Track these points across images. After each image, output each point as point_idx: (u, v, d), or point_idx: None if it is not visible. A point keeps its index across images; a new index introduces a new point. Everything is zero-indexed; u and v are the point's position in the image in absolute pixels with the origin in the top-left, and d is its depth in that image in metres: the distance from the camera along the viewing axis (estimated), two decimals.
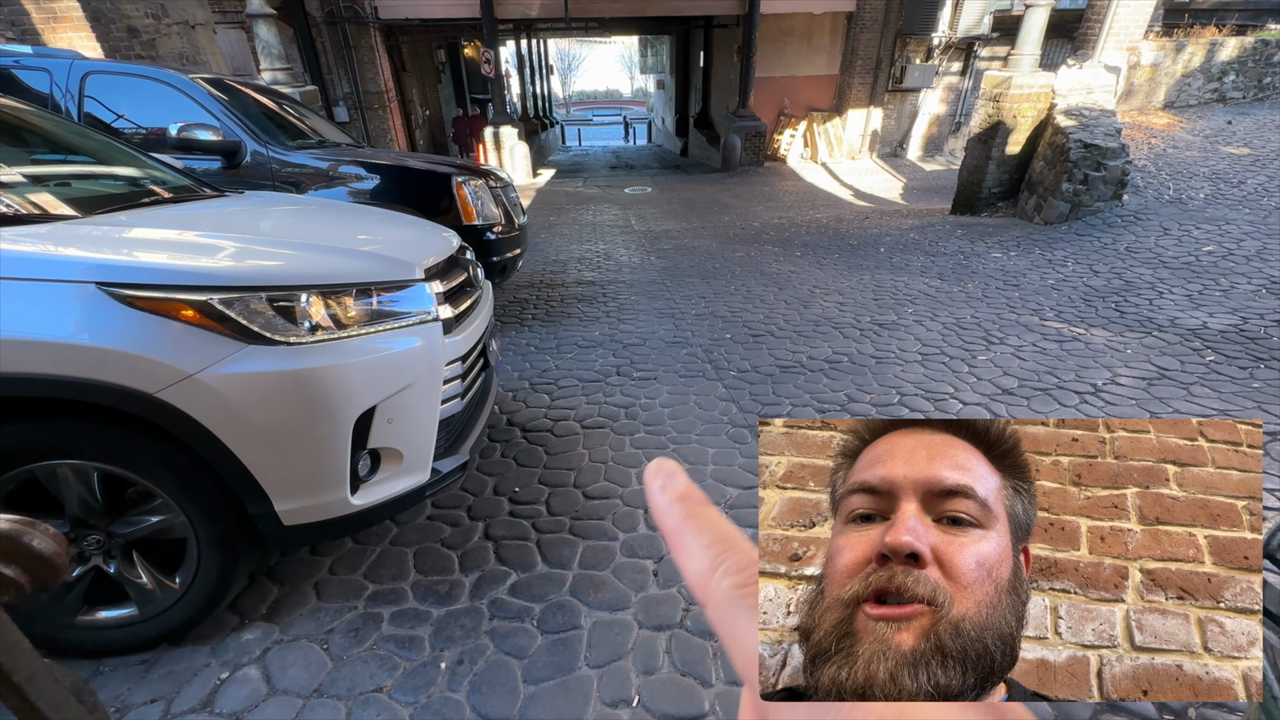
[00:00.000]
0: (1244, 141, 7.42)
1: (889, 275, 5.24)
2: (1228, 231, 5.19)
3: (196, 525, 1.52)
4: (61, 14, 6.25)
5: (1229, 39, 8.77)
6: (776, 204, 9.63)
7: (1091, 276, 4.77)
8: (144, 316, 1.36)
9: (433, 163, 4.12)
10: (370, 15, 12.04)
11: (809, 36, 14.04)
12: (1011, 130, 6.83)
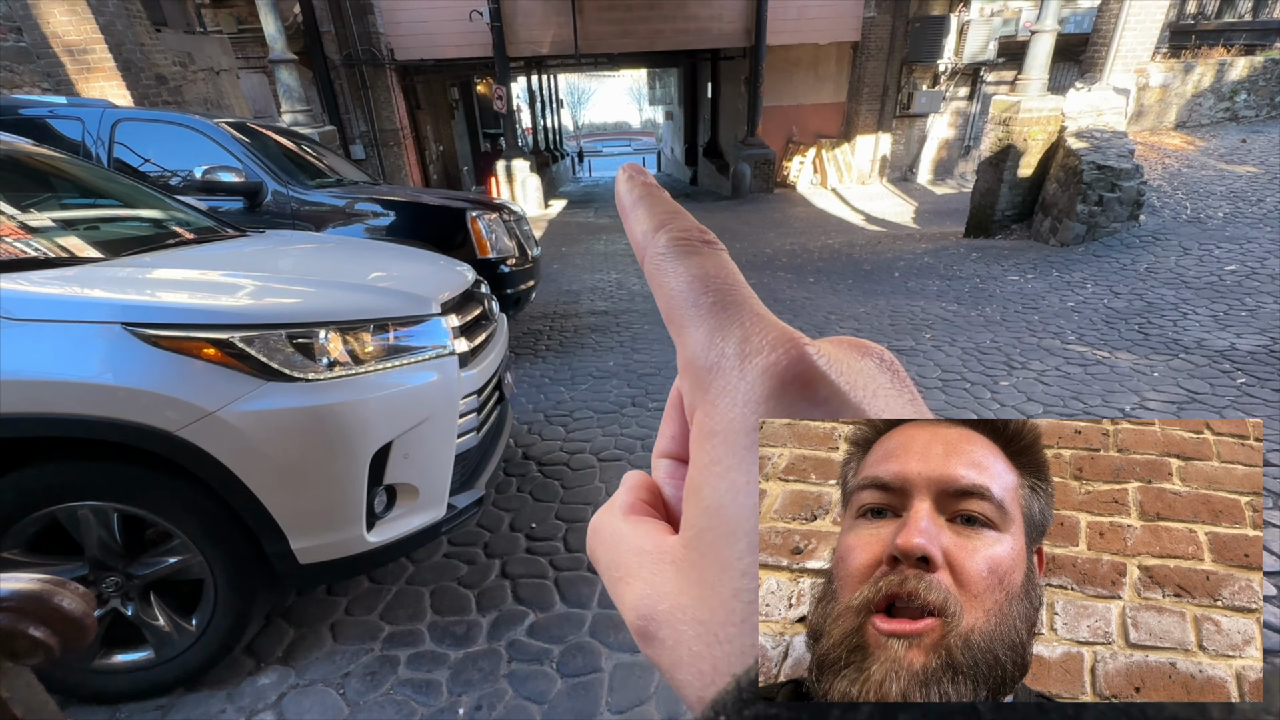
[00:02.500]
0: (1260, 160, 7.36)
1: (904, 300, 5.20)
2: (1250, 250, 5.10)
3: (214, 565, 1.50)
4: (95, 65, 6.52)
5: (1238, 59, 8.77)
6: (788, 230, 9.67)
7: (1112, 298, 4.69)
8: (168, 355, 1.37)
9: (447, 198, 4.19)
10: (387, 57, 12.45)
11: (815, 66, 14.28)
12: (1023, 153, 6.83)
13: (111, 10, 6.58)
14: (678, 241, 0.21)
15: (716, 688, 0.17)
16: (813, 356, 0.18)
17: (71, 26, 6.33)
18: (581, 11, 12.68)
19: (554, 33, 12.83)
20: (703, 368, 0.19)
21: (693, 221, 0.22)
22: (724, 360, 0.19)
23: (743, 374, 0.18)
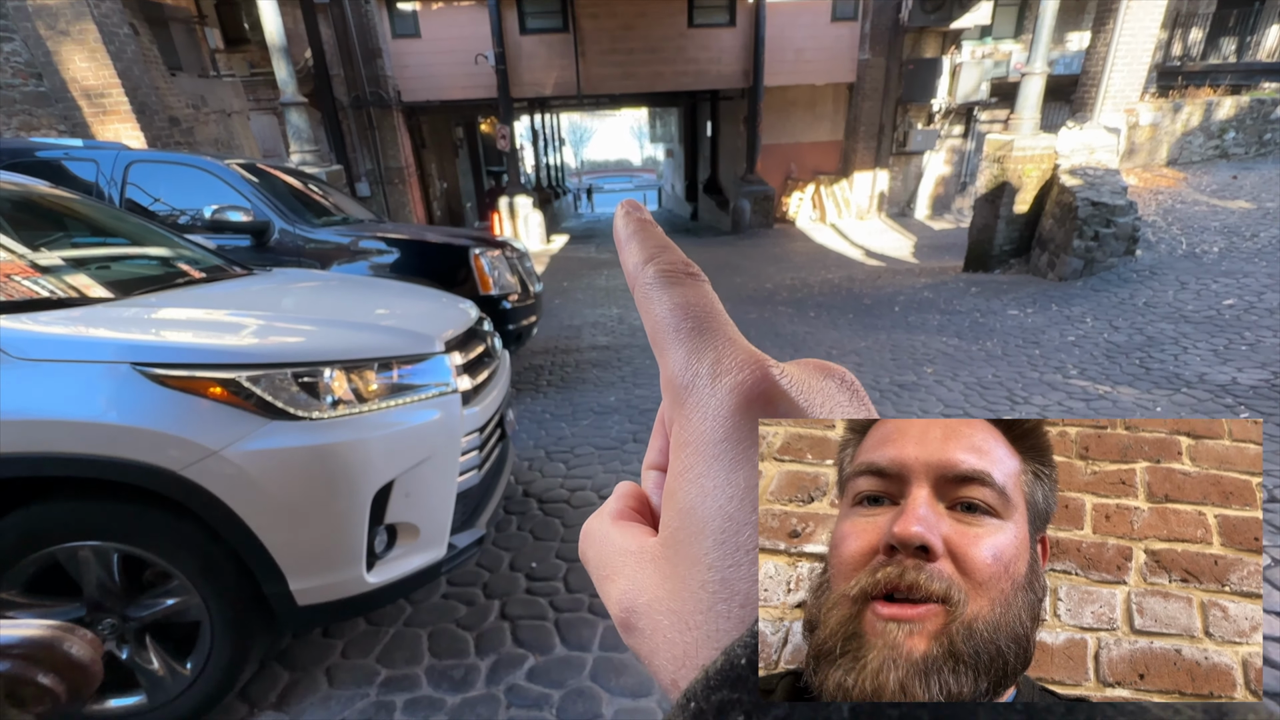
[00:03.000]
0: (1252, 196, 7.48)
1: (905, 335, 5.23)
2: (1247, 284, 5.14)
3: (212, 607, 1.48)
4: (111, 108, 6.72)
5: (1225, 99, 8.99)
6: (788, 265, 9.78)
7: (1112, 332, 4.72)
8: (174, 395, 1.38)
9: (450, 235, 4.26)
10: (394, 98, 12.81)
11: (812, 105, 14.65)
12: (1018, 190, 6.95)
13: (129, 56, 6.81)
14: (664, 273, 0.23)
15: (687, 669, 0.19)
16: (775, 376, 0.21)
17: (90, 72, 6.55)
18: (584, 55, 13.09)
19: (557, 75, 13.22)
20: (680, 385, 0.21)
21: (680, 255, 0.24)
22: (698, 379, 0.21)
23: (714, 391, 0.20)
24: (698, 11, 13.13)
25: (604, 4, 12.80)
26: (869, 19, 13.16)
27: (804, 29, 13.25)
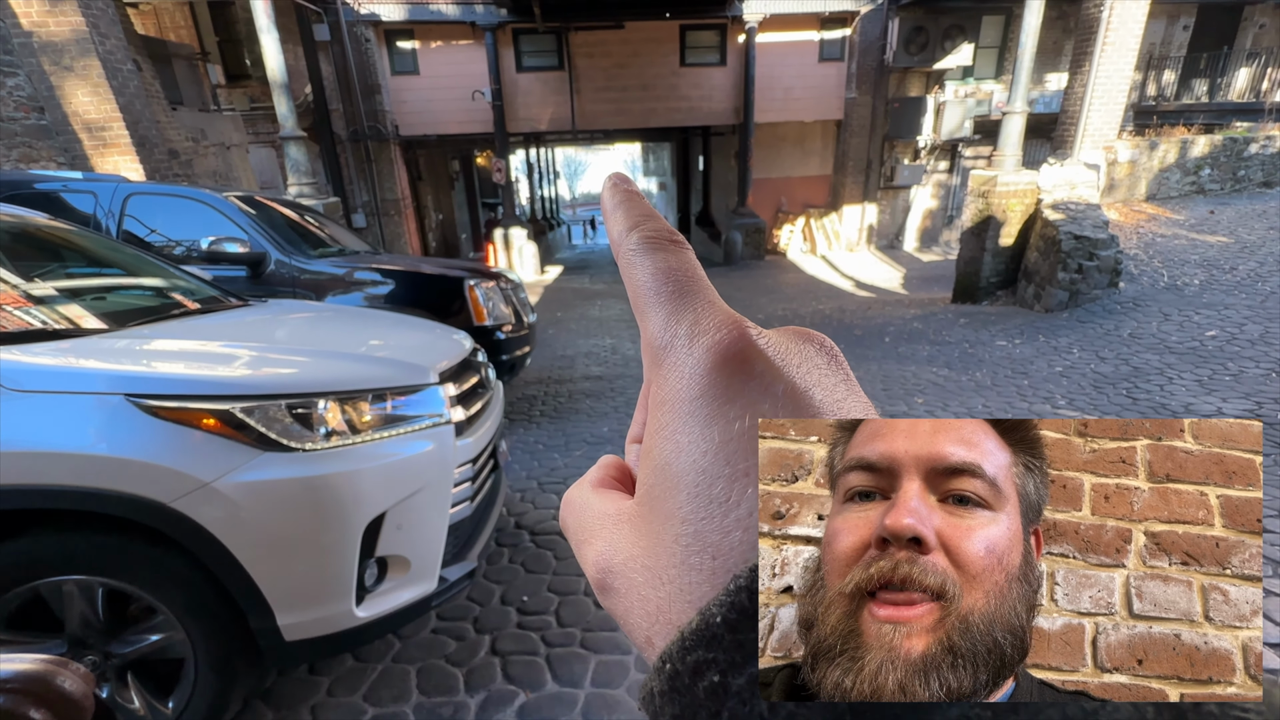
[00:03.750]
0: (1229, 230, 7.68)
1: (895, 365, 5.28)
2: (1228, 316, 5.25)
3: (196, 643, 1.46)
4: (111, 141, 6.81)
5: (1199, 137, 9.30)
6: (779, 296, 9.89)
7: (1099, 363, 4.78)
8: (167, 426, 1.38)
9: (445, 266, 4.30)
10: (391, 133, 13.03)
11: (802, 141, 15.02)
12: (1003, 224, 7.12)
13: (132, 91, 6.93)
14: (647, 240, 0.24)
15: (661, 625, 0.19)
16: (752, 336, 0.21)
17: (92, 106, 6.65)
18: (579, 92, 13.42)
19: (552, 111, 13.52)
20: (658, 347, 0.21)
21: (664, 223, 0.25)
22: (676, 340, 0.21)
23: (690, 350, 0.20)
24: (689, 51, 13.54)
25: (599, 44, 13.18)
26: (855, 59, 13.60)
27: (792, 68, 13.67)
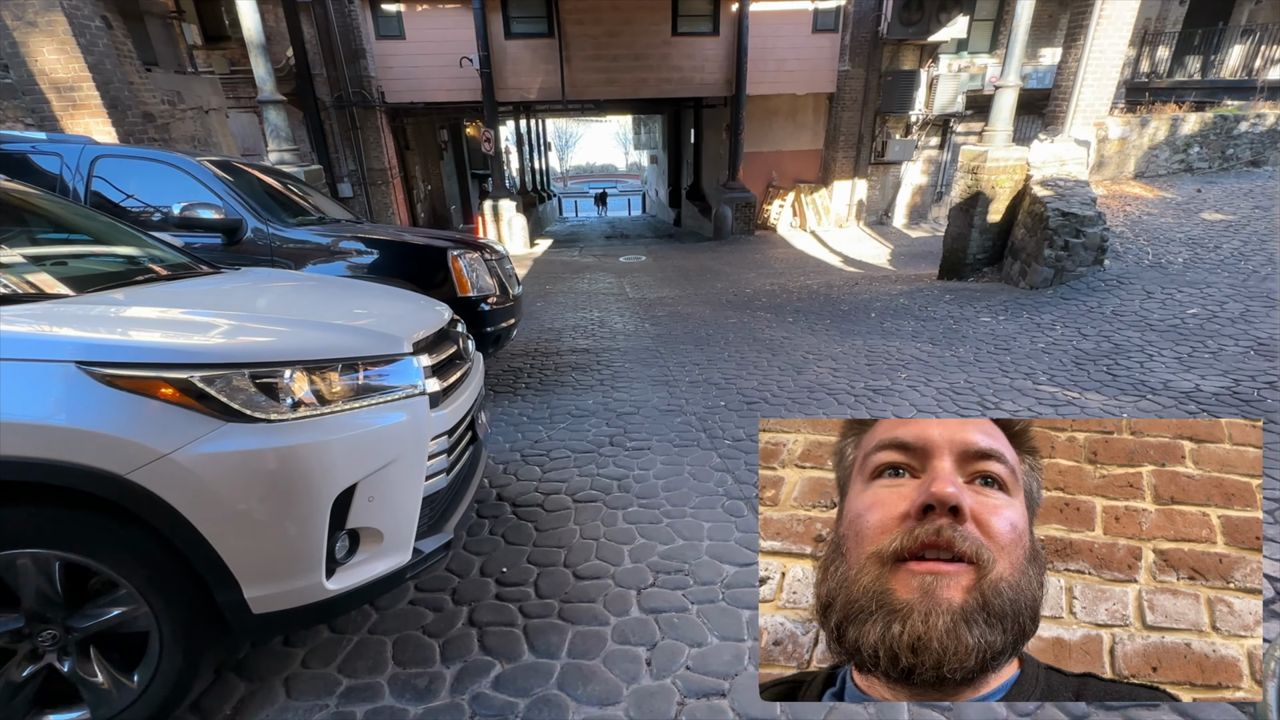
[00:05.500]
0: (1215, 208, 7.70)
1: (881, 340, 5.28)
2: (1210, 294, 5.28)
3: (160, 616, 1.43)
4: (81, 101, 6.56)
5: (1190, 115, 9.26)
6: (768, 271, 9.84)
7: (1081, 340, 4.81)
8: (122, 395, 1.33)
9: (429, 237, 4.21)
10: (377, 99, 12.69)
11: (794, 115, 14.81)
12: (991, 200, 7.08)
13: (101, 50, 6.66)
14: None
15: None
16: None
17: (60, 64, 6.38)
18: (569, 60, 13.09)
19: (542, 80, 13.21)
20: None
21: None
22: None
23: None
24: (682, 20, 13.21)
25: (589, 10, 12.82)
26: (849, 31, 13.36)
27: (786, 39, 13.40)
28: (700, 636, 1.92)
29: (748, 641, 1.90)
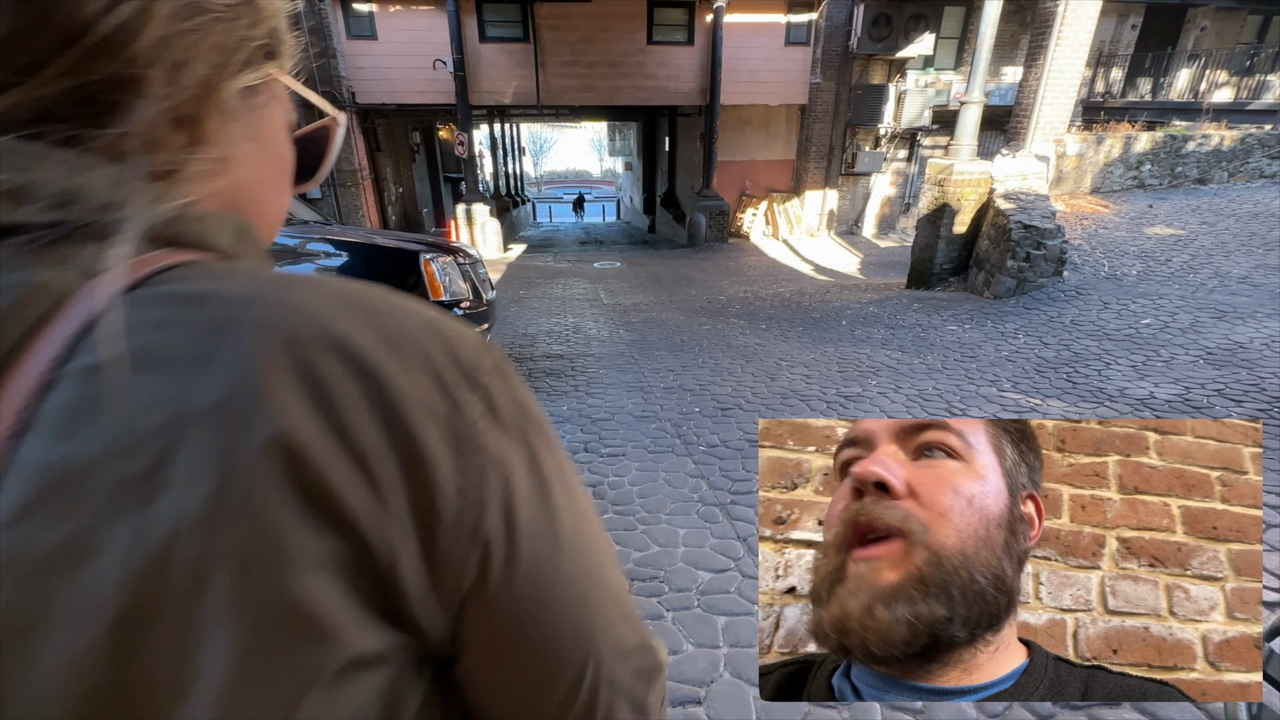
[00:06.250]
0: (1165, 223, 8.06)
1: (851, 348, 5.38)
2: (1162, 305, 5.52)
3: None
4: None
5: (1142, 134, 9.70)
6: (741, 278, 9.96)
7: (1042, 348, 4.98)
8: None
9: (401, 240, 4.16)
10: (348, 100, 12.48)
11: (767, 125, 15.05)
12: (957, 212, 7.30)
13: None
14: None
15: None
16: None
17: None
18: (544, 65, 13.09)
19: (516, 84, 13.17)
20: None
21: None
22: None
23: None
24: (657, 29, 13.33)
25: (564, 16, 12.85)
26: (820, 45, 13.65)
27: (759, 51, 13.63)
28: (676, 644, 1.92)
29: (723, 648, 1.91)
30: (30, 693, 0.21)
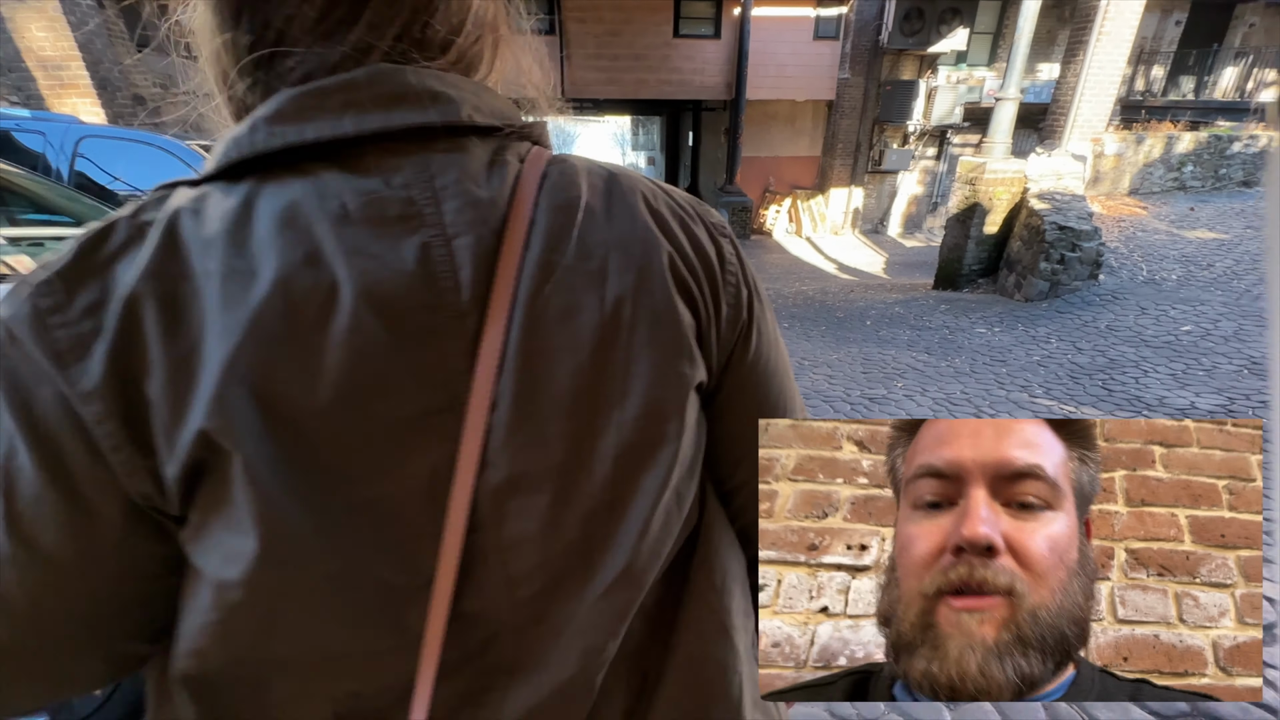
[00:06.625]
0: (1208, 226, 7.77)
1: (876, 348, 5.26)
2: (1203, 312, 5.31)
3: None
4: (69, 80, 6.42)
5: (1184, 133, 9.35)
6: (763, 276, 9.73)
7: (1076, 354, 4.81)
8: None
9: None
10: None
11: (792, 121, 14.83)
12: (988, 211, 7.10)
13: (91, 29, 6.52)
14: None
15: None
16: None
17: (48, 42, 6.25)
18: (569, 59, 13.03)
19: None
20: None
21: None
22: None
23: None
24: (683, 22, 13.19)
25: (591, 9, 12.77)
26: (849, 39, 13.40)
27: (787, 45, 13.42)
28: None
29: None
30: (552, 385, 0.36)
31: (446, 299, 0.35)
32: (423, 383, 0.34)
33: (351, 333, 0.32)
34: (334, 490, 0.32)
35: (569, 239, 0.38)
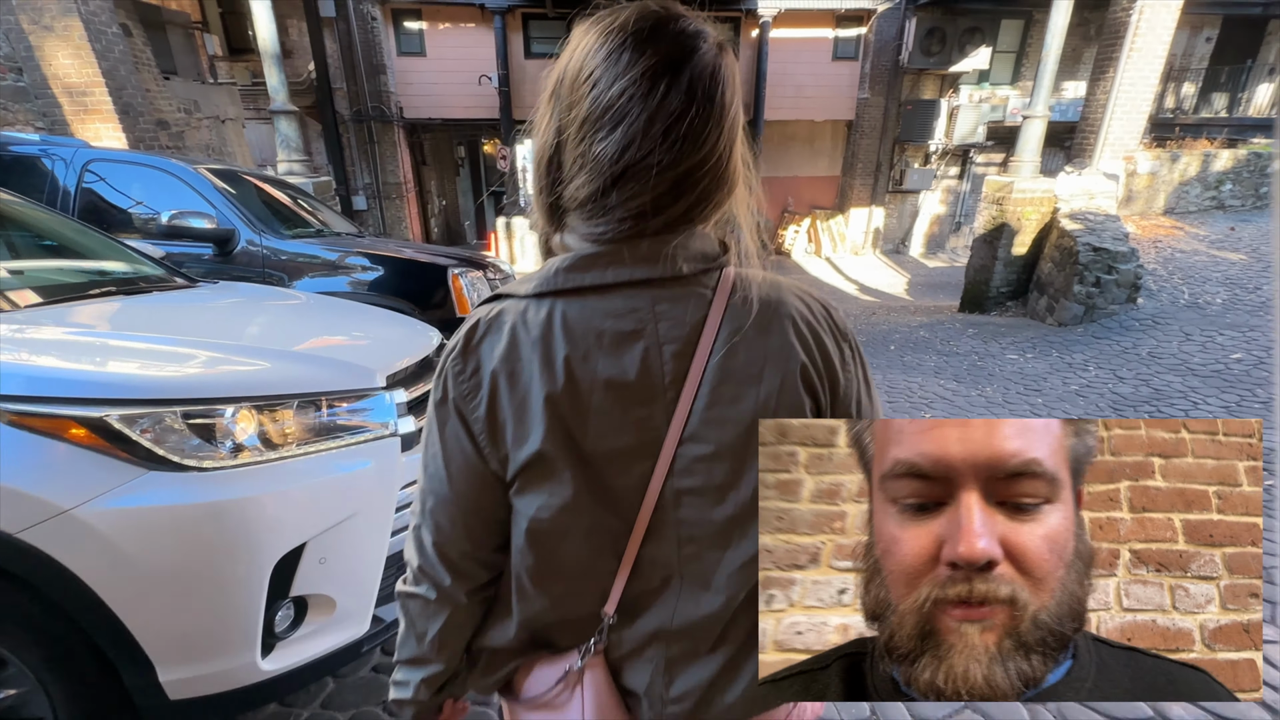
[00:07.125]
0: (1251, 248, 7.40)
1: (901, 376, 5.01)
2: (1254, 339, 4.98)
3: (56, 701, 1.19)
4: (93, 106, 6.52)
5: (1222, 151, 9.01)
6: None
7: (1117, 383, 4.52)
8: (21, 436, 1.11)
9: (431, 253, 4.03)
10: (395, 115, 12.72)
11: (811, 141, 14.70)
12: (1016, 232, 6.84)
13: (116, 56, 6.63)
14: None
15: None
16: None
17: (73, 69, 6.35)
18: None
19: None
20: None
21: None
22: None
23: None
24: None
25: None
26: (869, 59, 13.28)
27: (805, 66, 13.35)
28: None
29: None
30: (721, 439, 0.59)
31: (655, 382, 0.59)
32: (640, 430, 0.59)
33: (603, 399, 0.58)
34: (595, 481, 0.60)
35: (739, 352, 0.59)
